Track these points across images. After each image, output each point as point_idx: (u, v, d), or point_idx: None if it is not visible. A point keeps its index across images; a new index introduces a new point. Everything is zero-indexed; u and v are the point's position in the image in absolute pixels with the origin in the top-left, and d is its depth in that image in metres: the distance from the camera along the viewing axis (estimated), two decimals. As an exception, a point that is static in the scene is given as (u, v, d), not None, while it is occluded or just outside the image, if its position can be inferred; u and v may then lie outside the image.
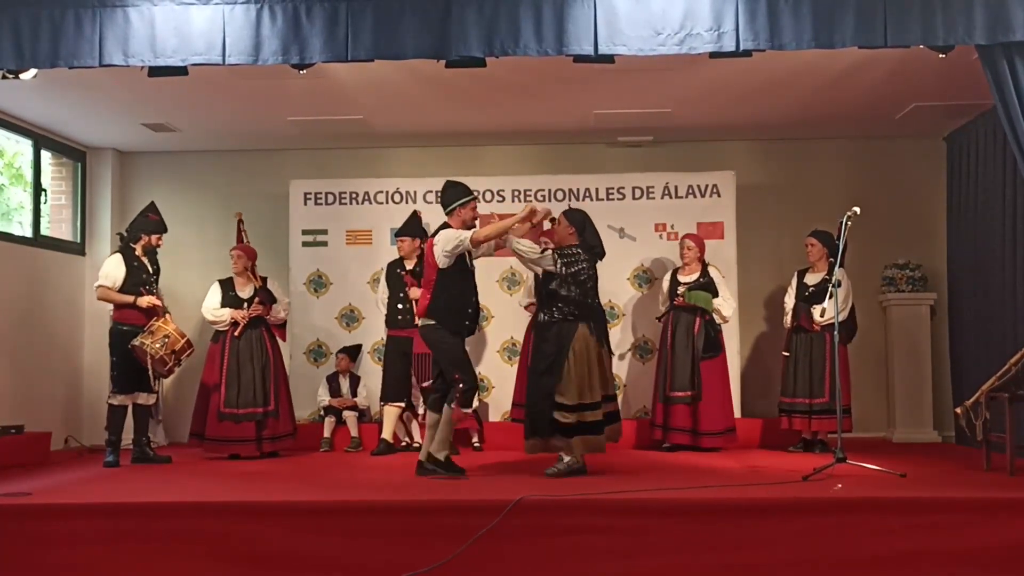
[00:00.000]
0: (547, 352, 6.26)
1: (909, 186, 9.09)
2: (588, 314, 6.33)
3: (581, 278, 6.30)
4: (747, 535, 4.94)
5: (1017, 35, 5.63)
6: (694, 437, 7.80)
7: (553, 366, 6.21)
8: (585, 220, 6.50)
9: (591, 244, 6.44)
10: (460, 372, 6.23)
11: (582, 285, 6.30)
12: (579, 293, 6.29)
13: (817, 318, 7.67)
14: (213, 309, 7.82)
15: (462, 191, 6.45)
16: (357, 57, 5.81)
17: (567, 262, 6.27)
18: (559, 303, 6.29)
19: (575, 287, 6.28)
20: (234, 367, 7.69)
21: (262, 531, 5.00)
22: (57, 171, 9.08)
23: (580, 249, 6.35)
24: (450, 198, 6.44)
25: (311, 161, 9.37)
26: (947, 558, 4.88)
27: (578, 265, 6.29)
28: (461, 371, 6.24)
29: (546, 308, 6.37)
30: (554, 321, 6.30)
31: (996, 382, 6.33)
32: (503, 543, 4.91)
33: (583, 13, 5.68)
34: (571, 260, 6.29)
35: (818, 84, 7.37)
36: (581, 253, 6.34)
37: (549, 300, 6.35)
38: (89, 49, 5.79)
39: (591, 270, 6.38)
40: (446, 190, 6.52)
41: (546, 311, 6.36)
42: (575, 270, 6.27)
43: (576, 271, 6.28)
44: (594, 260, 6.42)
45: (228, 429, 7.62)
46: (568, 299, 6.28)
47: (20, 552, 5.02)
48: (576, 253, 6.33)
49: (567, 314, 6.27)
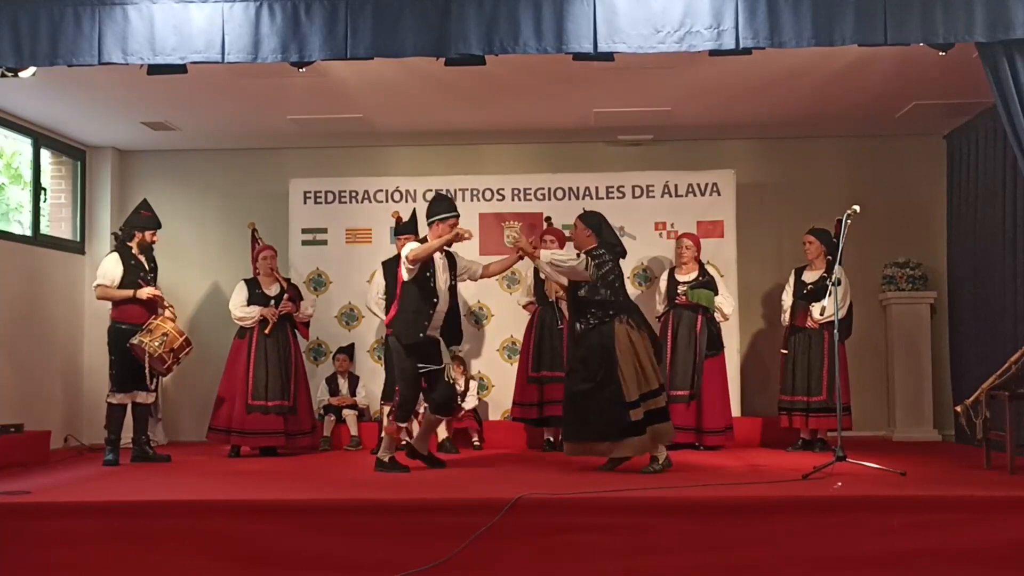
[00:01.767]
0: (598, 358, 6.26)
1: (909, 184, 9.09)
2: (621, 311, 6.35)
3: (610, 279, 6.35)
4: (747, 533, 4.93)
5: (1017, 33, 5.61)
6: (697, 435, 7.82)
7: (610, 369, 6.21)
8: (601, 221, 6.56)
9: (611, 243, 6.48)
10: (401, 386, 6.56)
11: (611, 286, 6.35)
12: (610, 294, 6.33)
13: (816, 316, 7.67)
14: (241, 307, 7.86)
15: (447, 207, 6.60)
16: (356, 55, 5.80)
17: (597, 263, 6.31)
18: (592, 308, 6.32)
19: (605, 289, 6.32)
20: (262, 362, 7.74)
21: (262, 529, 5.00)
22: (57, 170, 9.08)
23: (603, 250, 6.38)
24: (434, 211, 6.59)
25: (311, 160, 9.37)
26: (947, 556, 4.87)
27: (606, 267, 6.33)
28: (402, 386, 6.56)
29: (580, 317, 6.40)
30: (591, 328, 6.31)
31: (996, 380, 6.32)
32: (502, 541, 4.90)
33: (583, 11, 5.67)
34: (600, 262, 6.33)
35: (818, 82, 7.36)
36: (605, 253, 6.37)
37: (581, 308, 6.39)
38: (88, 47, 5.78)
39: (617, 268, 6.42)
40: (433, 202, 6.68)
41: (581, 320, 6.38)
42: (604, 271, 6.32)
43: (605, 272, 6.32)
44: (617, 258, 6.46)
45: (256, 421, 7.65)
46: (600, 303, 6.32)
47: (19, 551, 5.01)
48: (602, 254, 6.36)
49: (602, 318, 6.30)
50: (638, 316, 6.47)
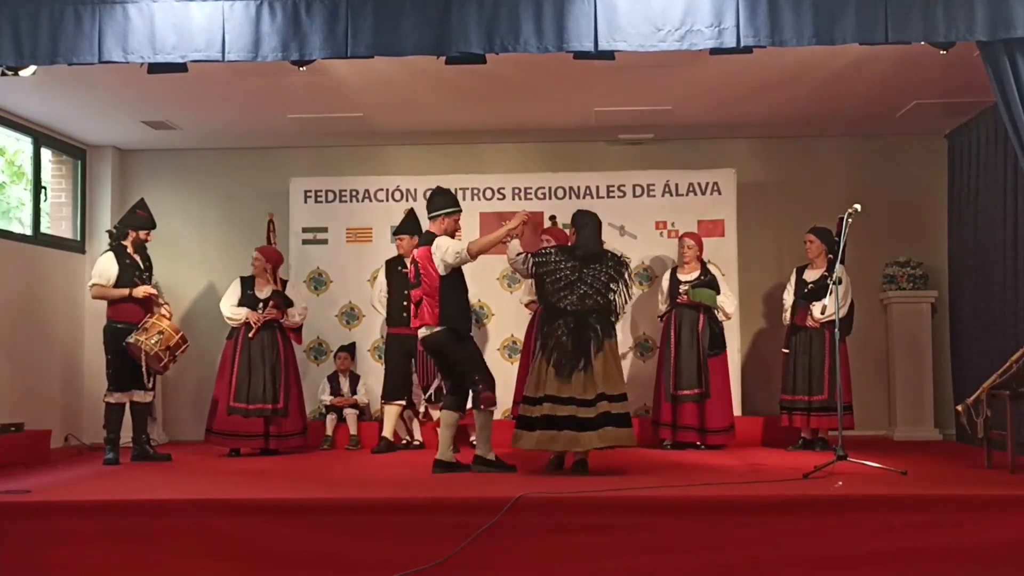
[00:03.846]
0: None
1: (910, 183, 9.08)
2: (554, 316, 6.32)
3: (546, 280, 6.33)
4: (747, 533, 4.93)
5: (1018, 31, 5.60)
6: (700, 435, 7.82)
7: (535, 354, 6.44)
8: (587, 221, 6.50)
9: (583, 244, 6.40)
10: (480, 375, 6.46)
11: (544, 286, 6.36)
12: (547, 294, 6.36)
13: (817, 315, 7.67)
14: (231, 307, 7.86)
15: (451, 200, 6.56)
16: (357, 54, 5.79)
17: (538, 262, 6.34)
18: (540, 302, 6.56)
19: (541, 288, 6.42)
20: (245, 364, 7.72)
21: (262, 528, 5.00)
22: (57, 169, 9.07)
23: (558, 250, 6.38)
24: (438, 205, 6.53)
25: (311, 159, 9.37)
26: (948, 556, 4.87)
27: (548, 267, 6.30)
28: (481, 374, 6.47)
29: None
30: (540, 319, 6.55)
31: (997, 379, 6.32)
32: (503, 540, 4.90)
33: (583, 9, 5.66)
34: (543, 261, 6.32)
35: (819, 81, 7.35)
36: (556, 254, 6.34)
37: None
38: (88, 45, 5.77)
39: (564, 272, 6.29)
40: (435, 196, 6.60)
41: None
42: (544, 271, 6.32)
43: (544, 272, 6.31)
44: (576, 261, 6.32)
45: (235, 423, 7.65)
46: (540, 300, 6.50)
47: (19, 550, 5.01)
48: (550, 254, 6.35)
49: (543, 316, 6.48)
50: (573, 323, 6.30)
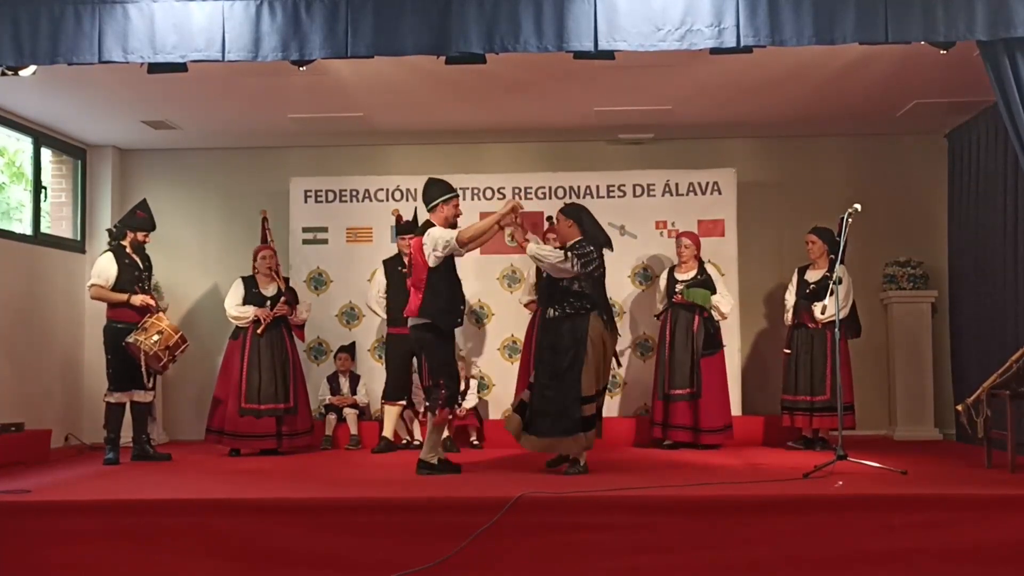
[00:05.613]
0: (566, 348, 6.23)
1: (910, 183, 9.08)
2: (597, 305, 6.32)
3: (595, 275, 6.32)
4: (748, 532, 4.93)
5: (1018, 31, 5.61)
6: (694, 434, 7.80)
7: (575, 361, 6.19)
8: (581, 211, 6.50)
9: (593, 233, 6.40)
10: (445, 377, 6.33)
11: (590, 277, 6.30)
12: (590, 287, 6.29)
13: (818, 315, 7.67)
14: (237, 306, 7.83)
15: (445, 188, 6.48)
16: (357, 53, 5.80)
17: (583, 261, 6.25)
18: (570, 298, 6.28)
19: (586, 282, 6.28)
20: (255, 364, 7.70)
21: (262, 528, 5.00)
22: (57, 168, 9.07)
23: (587, 243, 6.33)
24: (433, 195, 6.46)
25: (311, 158, 9.37)
26: (948, 555, 4.87)
27: (592, 263, 6.28)
28: (446, 376, 6.34)
29: (555, 304, 6.34)
30: (566, 316, 6.27)
31: (997, 379, 6.32)
32: (503, 540, 4.91)
33: (583, 9, 5.66)
34: (586, 259, 6.26)
35: (819, 81, 7.35)
36: (588, 246, 6.31)
37: (559, 296, 6.33)
38: (88, 45, 5.78)
39: (600, 262, 6.37)
40: (428, 187, 6.55)
41: (556, 307, 6.33)
42: (590, 268, 6.28)
43: (591, 270, 6.28)
44: (601, 250, 6.39)
45: (250, 425, 7.64)
46: (578, 293, 6.27)
47: (19, 549, 5.02)
48: (589, 251, 6.30)
49: (579, 308, 6.26)
50: (610, 314, 6.45)
